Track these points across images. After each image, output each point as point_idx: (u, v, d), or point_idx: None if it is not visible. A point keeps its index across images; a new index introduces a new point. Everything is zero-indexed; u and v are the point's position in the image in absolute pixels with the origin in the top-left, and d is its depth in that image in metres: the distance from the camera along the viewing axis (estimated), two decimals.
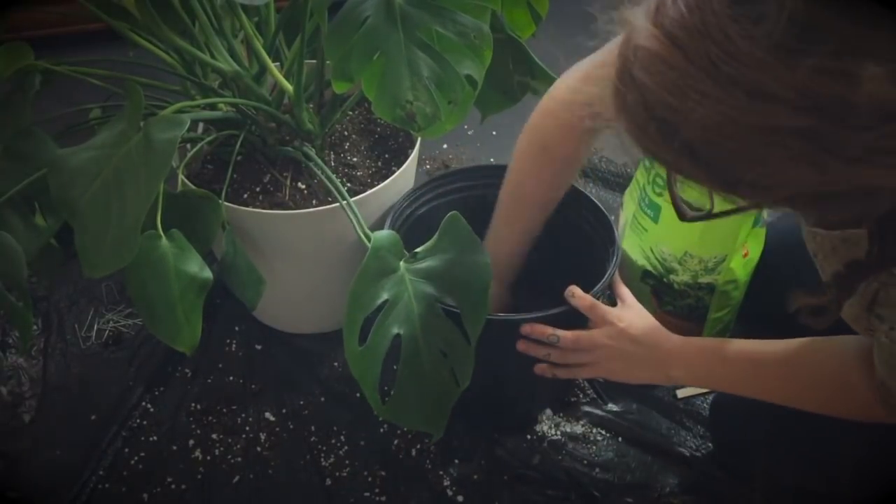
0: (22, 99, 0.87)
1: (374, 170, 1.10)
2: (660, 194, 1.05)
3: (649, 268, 1.10)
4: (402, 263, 0.77)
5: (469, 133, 1.63)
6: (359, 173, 1.08)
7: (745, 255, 1.02)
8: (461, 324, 0.79)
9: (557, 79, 0.90)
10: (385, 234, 0.77)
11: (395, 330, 0.75)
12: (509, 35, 1.00)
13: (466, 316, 0.77)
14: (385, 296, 0.76)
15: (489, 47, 0.72)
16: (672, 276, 1.07)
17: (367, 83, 0.71)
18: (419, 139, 1.08)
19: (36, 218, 0.86)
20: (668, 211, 1.04)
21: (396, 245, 0.78)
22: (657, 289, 1.11)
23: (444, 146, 1.60)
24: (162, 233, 0.79)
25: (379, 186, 1.01)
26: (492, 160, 1.57)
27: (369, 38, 0.69)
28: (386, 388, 0.79)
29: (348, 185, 1.06)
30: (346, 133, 1.14)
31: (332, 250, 1.06)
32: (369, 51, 0.70)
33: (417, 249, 0.78)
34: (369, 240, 0.80)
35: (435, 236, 0.78)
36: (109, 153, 0.74)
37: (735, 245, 1.00)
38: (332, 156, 1.10)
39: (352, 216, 0.88)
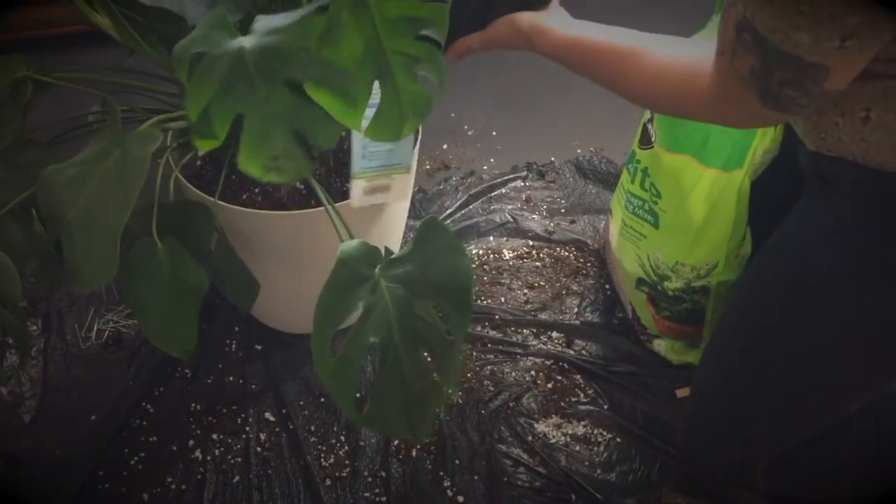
0: (14, 108, 0.87)
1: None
2: (656, 202, 1.05)
3: (643, 275, 1.10)
4: (377, 270, 0.76)
5: (469, 133, 1.64)
6: None
7: (737, 256, 1.02)
8: (443, 326, 0.78)
9: None
10: (353, 243, 0.76)
11: (372, 338, 0.74)
12: None
13: (450, 318, 0.76)
14: (360, 305, 0.74)
15: (366, 87, 0.67)
16: (666, 283, 1.07)
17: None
18: (419, 140, 1.08)
19: (35, 226, 0.86)
20: (666, 217, 1.04)
21: (368, 253, 0.76)
22: (652, 296, 1.11)
23: (445, 146, 1.60)
24: (158, 240, 0.79)
25: None
26: (492, 160, 1.57)
27: (225, 96, 0.65)
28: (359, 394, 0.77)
29: (347, 185, 1.06)
30: (345, 133, 1.14)
31: (332, 250, 1.05)
32: (228, 110, 0.66)
33: (393, 255, 0.77)
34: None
35: (412, 241, 0.77)
36: (92, 169, 0.74)
37: (726, 252, 1.00)
38: (332, 156, 1.10)
39: (336, 220, 0.87)
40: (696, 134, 0.99)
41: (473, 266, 1.32)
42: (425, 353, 0.76)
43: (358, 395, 0.80)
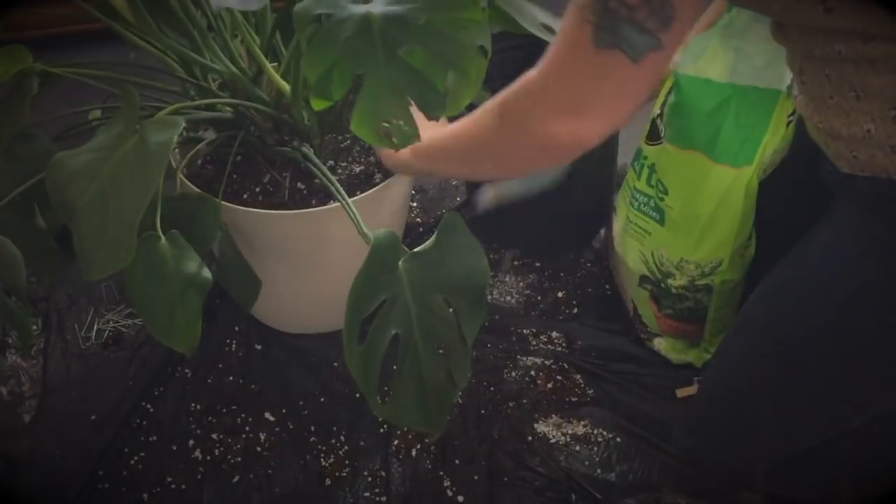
0: (20, 101, 0.87)
1: (373, 169, 1.09)
2: (662, 199, 1.05)
3: (647, 272, 1.10)
4: (400, 263, 0.77)
5: None
6: (358, 170, 1.08)
7: (742, 255, 1.02)
8: (458, 323, 0.79)
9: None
10: (384, 233, 0.77)
11: (393, 330, 0.75)
12: None
13: (463, 316, 0.77)
14: (383, 295, 0.76)
15: (476, 64, 0.70)
16: (669, 281, 1.07)
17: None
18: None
19: (36, 219, 0.86)
20: (672, 213, 1.04)
21: (396, 244, 0.77)
22: (655, 293, 1.11)
23: None
24: (161, 234, 0.79)
25: (379, 186, 1.01)
26: None
27: (349, 58, 0.68)
28: (386, 388, 0.79)
29: (348, 183, 1.06)
30: (345, 132, 1.14)
31: (332, 250, 1.06)
32: (349, 71, 0.68)
33: (416, 249, 0.78)
34: (370, 239, 0.80)
35: (434, 236, 0.78)
36: (106, 156, 0.74)
37: (731, 250, 1.00)
38: (332, 155, 1.10)
39: (352, 215, 0.88)
40: (707, 129, 0.99)
41: None
42: (440, 350, 0.77)
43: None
